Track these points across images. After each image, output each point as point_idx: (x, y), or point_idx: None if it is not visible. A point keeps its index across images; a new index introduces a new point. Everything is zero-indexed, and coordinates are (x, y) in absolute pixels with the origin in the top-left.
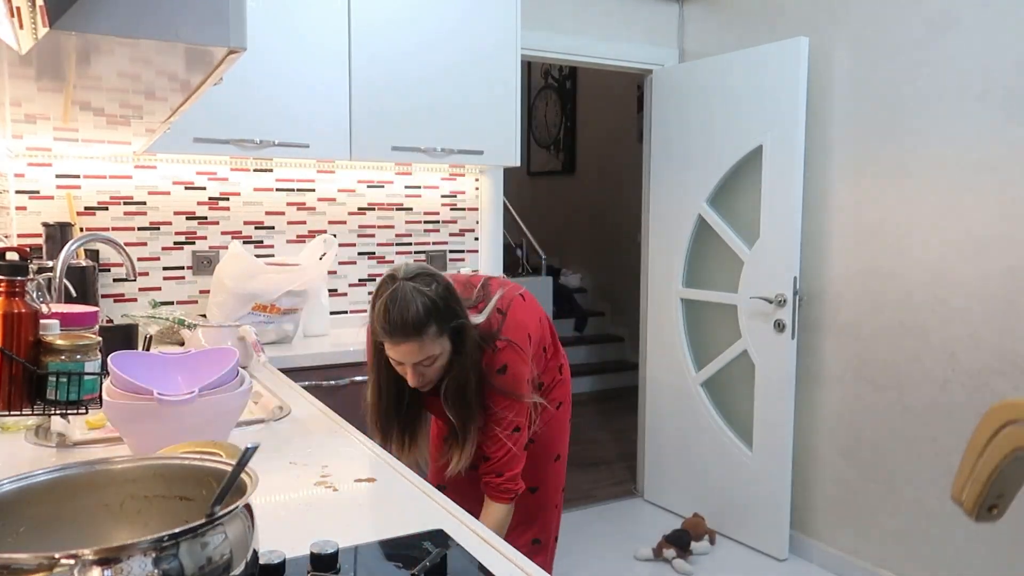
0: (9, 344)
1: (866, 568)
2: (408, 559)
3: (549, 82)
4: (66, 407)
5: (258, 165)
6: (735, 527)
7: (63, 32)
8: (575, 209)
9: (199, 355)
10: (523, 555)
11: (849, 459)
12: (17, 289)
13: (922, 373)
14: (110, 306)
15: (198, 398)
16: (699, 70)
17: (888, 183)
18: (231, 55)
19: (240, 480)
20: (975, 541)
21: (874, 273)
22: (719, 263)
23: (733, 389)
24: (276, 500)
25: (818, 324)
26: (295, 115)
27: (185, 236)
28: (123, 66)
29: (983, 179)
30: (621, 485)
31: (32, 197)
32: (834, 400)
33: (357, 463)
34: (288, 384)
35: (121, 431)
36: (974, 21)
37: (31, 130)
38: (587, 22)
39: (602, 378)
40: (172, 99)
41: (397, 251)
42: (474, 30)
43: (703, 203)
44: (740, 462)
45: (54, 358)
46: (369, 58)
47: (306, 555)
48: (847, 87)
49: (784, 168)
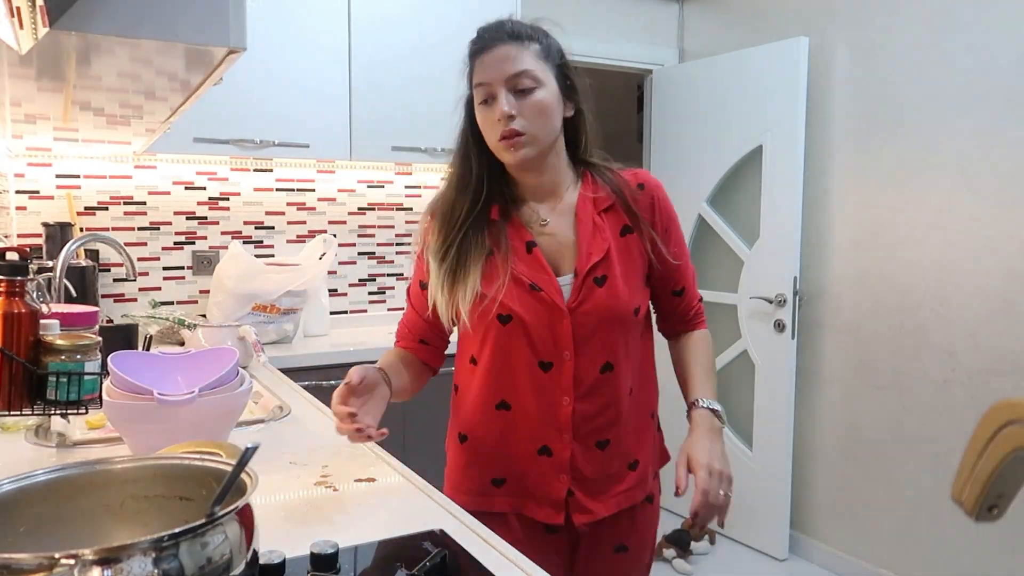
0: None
1: (866, 568)
2: (408, 559)
3: None
4: (66, 407)
5: (258, 165)
6: (735, 527)
7: (63, 32)
8: None
9: (199, 355)
10: (523, 554)
11: (849, 459)
12: (17, 289)
13: (922, 373)
14: (110, 306)
15: (198, 398)
16: (699, 70)
17: (888, 183)
18: (231, 55)
19: (240, 480)
20: (975, 541)
21: (874, 273)
22: (719, 263)
23: (733, 389)
24: (276, 500)
25: (818, 324)
26: (295, 115)
27: (185, 236)
28: (123, 66)
29: (983, 179)
30: None
31: (32, 197)
32: (834, 400)
33: (357, 463)
34: (288, 384)
35: (121, 431)
36: (974, 21)
37: (31, 130)
38: (587, 22)
39: None
40: (172, 99)
41: (397, 251)
42: (474, 30)
43: (703, 203)
44: (740, 462)
45: (54, 358)
46: (369, 58)
47: (306, 555)
48: (847, 87)
49: (784, 168)
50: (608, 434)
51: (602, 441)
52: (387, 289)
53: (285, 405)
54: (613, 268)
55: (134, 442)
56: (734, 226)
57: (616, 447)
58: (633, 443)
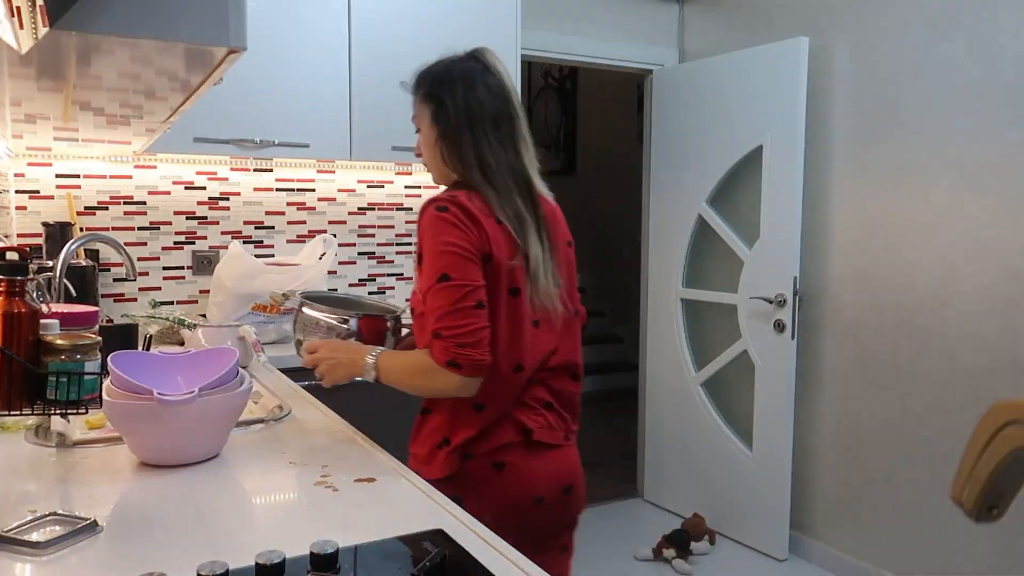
0: (9, 344)
1: (866, 568)
2: (408, 559)
3: (549, 82)
4: (66, 407)
5: (258, 165)
6: (735, 527)
7: (63, 32)
8: (575, 209)
9: (199, 355)
10: (521, 554)
11: (849, 459)
12: (17, 289)
13: (922, 373)
14: (110, 306)
15: (198, 398)
16: (699, 70)
17: (888, 183)
18: (231, 55)
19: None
20: (975, 541)
21: (874, 273)
22: (719, 263)
23: (733, 389)
24: (276, 500)
25: (818, 324)
26: (295, 115)
27: (185, 236)
28: (123, 66)
29: (983, 179)
30: (621, 485)
31: (32, 197)
32: (834, 400)
33: (357, 463)
34: (288, 384)
35: (121, 431)
36: (974, 21)
37: (31, 130)
38: (587, 22)
39: (602, 378)
40: (172, 99)
41: (397, 251)
42: (474, 30)
43: (703, 203)
44: (740, 462)
45: (54, 358)
46: (369, 58)
47: (306, 555)
48: (847, 87)
49: (784, 168)
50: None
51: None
52: (387, 289)
53: (285, 405)
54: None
55: (134, 442)
56: (734, 226)
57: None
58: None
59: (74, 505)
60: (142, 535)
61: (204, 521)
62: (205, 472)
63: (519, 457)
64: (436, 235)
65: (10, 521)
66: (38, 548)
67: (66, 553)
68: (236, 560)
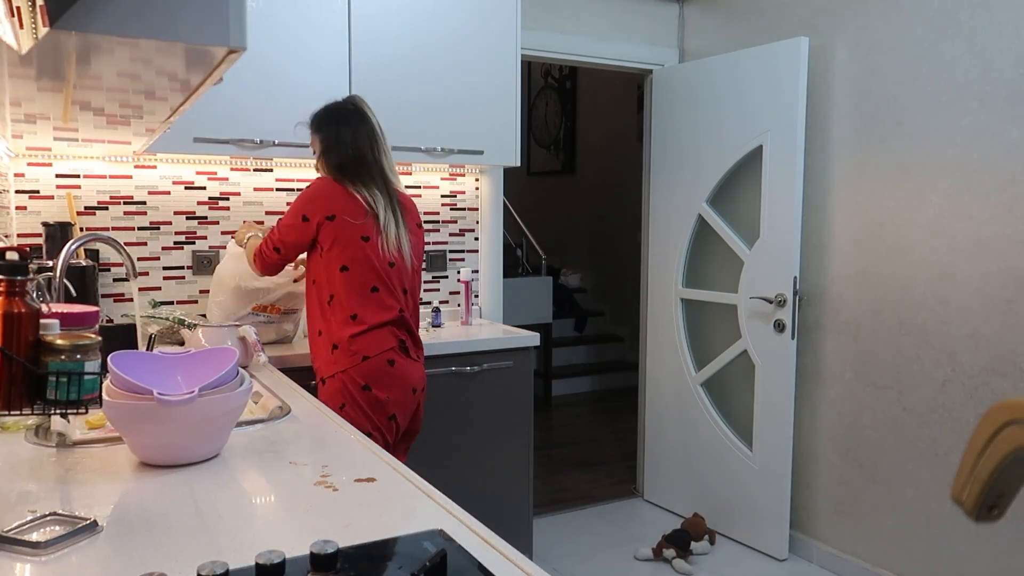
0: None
1: (866, 568)
2: (408, 559)
3: (549, 82)
4: (66, 407)
5: (258, 165)
6: (735, 527)
7: (63, 32)
8: (575, 209)
9: (199, 355)
10: (522, 554)
11: (849, 459)
12: (17, 289)
13: (922, 373)
14: (110, 306)
15: (198, 398)
16: (699, 70)
17: (888, 183)
18: (231, 55)
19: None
20: (975, 541)
21: (874, 273)
22: (719, 263)
23: (733, 389)
24: (276, 500)
25: (818, 324)
26: (295, 115)
27: (185, 236)
28: (123, 66)
29: (983, 179)
30: (621, 485)
31: (32, 197)
32: (834, 400)
33: (357, 463)
34: (288, 384)
35: (121, 431)
36: (974, 21)
37: (31, 130)
38: (587, 22)
39: (602, 378)
40: (172, 99)
41: None
42: (474, 30)
43: (703, 203)
44: (740, 462)
45: (54, 358)
46: (369, 58)
47: (306, 555)
48: (847, 87)
49: (784, 168)
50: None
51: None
52: None
53: (285, 405)
54: None
55: (134, 442)
56: (734, 226)
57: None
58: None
59: (74, 505)
60: (142, 535)
61: (204, 521)
62: (205, 472)
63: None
64: (301, 200)
65: (10, 521)
66: (38, 548)
67: (66, 553)
68: (236, 560)
